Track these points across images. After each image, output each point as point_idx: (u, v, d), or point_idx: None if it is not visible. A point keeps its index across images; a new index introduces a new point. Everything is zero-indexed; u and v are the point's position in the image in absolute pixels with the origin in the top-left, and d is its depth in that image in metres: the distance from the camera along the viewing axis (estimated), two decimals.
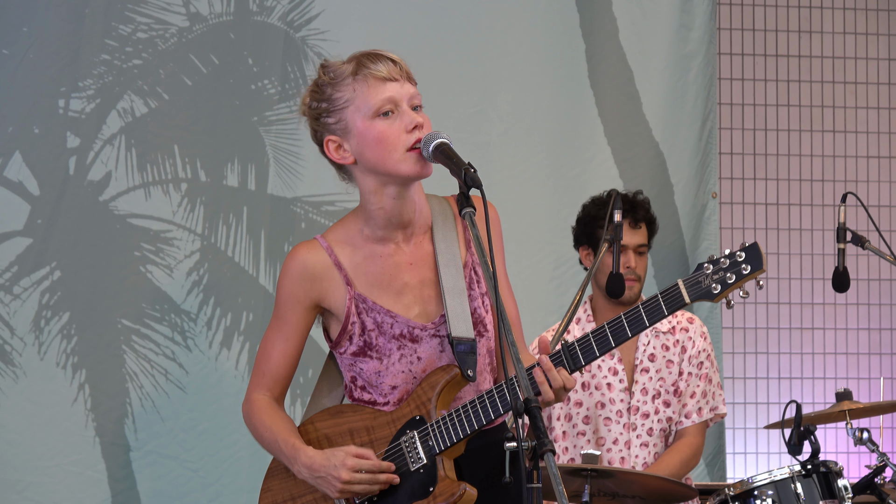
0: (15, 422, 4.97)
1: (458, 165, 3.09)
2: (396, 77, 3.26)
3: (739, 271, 3.16)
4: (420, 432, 3.26)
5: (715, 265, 3.18)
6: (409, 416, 3.29)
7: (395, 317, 3.30)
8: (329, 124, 3.31)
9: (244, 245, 5.23)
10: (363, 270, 3.32)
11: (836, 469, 4.49)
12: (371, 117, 3.25)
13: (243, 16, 5.30)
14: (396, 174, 3.26)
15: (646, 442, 4.90)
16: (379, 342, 3.30)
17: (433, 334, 3.31)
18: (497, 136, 5.60)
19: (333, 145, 3.31)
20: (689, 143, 5.87)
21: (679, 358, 4.96)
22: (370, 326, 3.30)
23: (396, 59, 3.28)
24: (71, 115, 5.10)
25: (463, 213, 3.06)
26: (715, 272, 3.18)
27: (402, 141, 3.23)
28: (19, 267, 5.03)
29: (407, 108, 3.25)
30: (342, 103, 3.27)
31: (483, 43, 5.57)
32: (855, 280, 5.38)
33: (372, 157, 3.26)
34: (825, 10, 6.55)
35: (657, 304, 3.20)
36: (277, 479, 3.40)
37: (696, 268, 3.20)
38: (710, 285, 3.18)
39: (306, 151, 5.28)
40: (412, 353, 3.30)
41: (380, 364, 3.30)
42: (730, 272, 3.17)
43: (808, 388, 6.38)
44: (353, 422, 3.34)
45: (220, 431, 5.12)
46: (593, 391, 4.90)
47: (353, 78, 3.26)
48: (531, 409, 2.78)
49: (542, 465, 2.80)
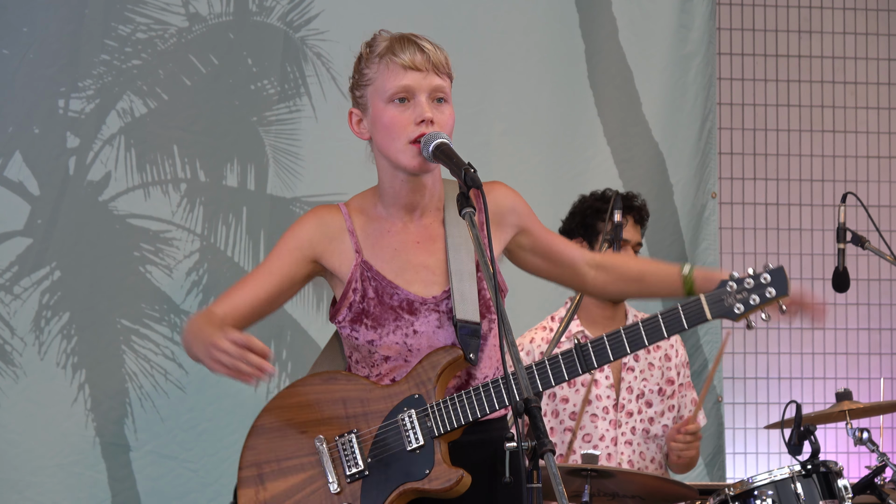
0: (15, 422, 4.97)
1: (458, 165, 3.10)
2: (420, 67, 3.26)
3: (763, 294, 3.20)
4: (419, 412, 3.23)
5: (739, 284, 3.21)
6: (408, 393, 3.26)
7: (397, 288, 3.30)
8: (356, 97, 3.36)
9: (244, 245, 5.23)
10: (373, 241, 3.33)
11: (836, 469, 4.49)
12: (385, 101, 3.28)
13: (243, 16, 5.30)
14: (398, 164, 3.28)
15: (630, 440, 4.91)
16: (376, 311, 3.29)
17: (433, 308, 3.29)
18: (497, 136, 5.60)
19: (355, 118, 3.37)
20: (688, 143, 5.87)
21: (661, 364, 4.99)
22: (371, 294, 3.29)
23: (427, 49, 3.29)
24: (71, 115, 5.10)
25: (463, 213, 3.06)
26: (738, 291, 3.21)
27: (407, 132, 3.25)
28: (19, 267, 5.03)
29: (423, 99, 3.26)
30: (366, 81, 3.32)
31: (483, 43, 5.58)
32: (855, 280, 5.38)
33: (379, 141, 3.30)
34: (825, 10, 6.55)
35: (677, 317, 3.21)
36: (263, 439, 3.32)
37: (720, 284, 3.22)
38: (733, 304, 3.22)
39: (306, 151, 5.29)
40: (408, 326, 3.28)
41: (374, 333, 3.28)
42: (754, 294, 3.21)
43: (808, 388, 6.38)
44: (348, 391, 3.29)
45: (219, 431, 5.12)
46: (580, 387, 4.90)
47: (379, 59, 3.29)
48: (531, 409, 2.77)
49: (541, 464, 2.80)
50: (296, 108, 5.32)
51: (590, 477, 4.34)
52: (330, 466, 3.24)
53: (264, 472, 3.28)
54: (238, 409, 5.15)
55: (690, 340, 5.73)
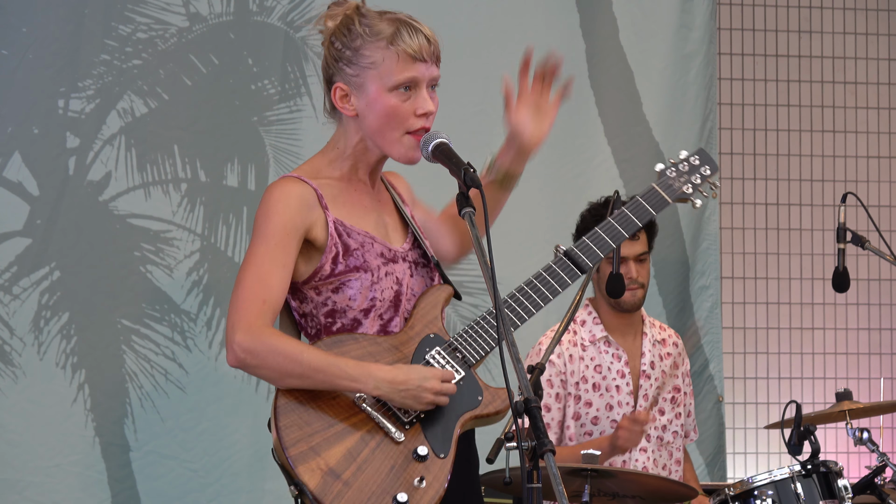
0: (15, 422, 4.97)
1: (458, 165, 3.11)
2: (426, 58, 3.29)
3: (701, 173, 3.64)
4: (445, 348, 3.26)
5: (677, 168, 3.61)
6: (423, 334, 3.28)
7: (374, 238, 3.31)
8: (345, 72, 3.33)
9: (244, 245, 5.23)
10: (339, 201, 3.32)
11: (836, 469, 4.49)
12: (389, 89, 3.28)
13: (243, 16, 5.30)
14: (387, 152, 3.32)
15: (644, 447, 4.92)
16: (367, 258, 3.28)
17: (404, 258, 3.35)
18: (497, 136, 5.59)
19: (341, 93, 3.34)
20: (689, 143, 5.87)
21: (671, 372, 5.01)
22: (354, 246, 3.28)
23: (432, 39, 3.31)
24: (70, 115, 5.10)
25: (463, 212, 3.06)
26: (680, 175, 3.61)
27: (408, 123, 3.28)
28: (19, 267, 5.03)
29: (424, 91, 3.30)
30: (367, 63, 3.30)
31: (483, 43, 5.58)
32: (855, 280, 5.38)
33: (373, 125, 3.30)
34: (825, 10, 6.55)
35: (641, 206, 3.51)
36: (294, 416, 3.15)
37: (659, 175, 3.58)
38: (681, 186, 3.62)
39: (306, 151, 5.28)
40: (392, 273, 3.31)
41: (368, 280, 3.27)
42: (694, 175, 3.62)
43: (808, 388, 6.38)
44: (361, 347, 3.23)
45: (220, 431, 5.12)
46: (603, 392, 4.91)
47: (386, 43, 3.27)
48: (531, 409, 2.77)
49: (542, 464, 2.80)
50: (296, 107, 5.32)
51: (590, 477, 4.34)
52: (383, 420, 3.17)
53: (315, 444, 3.12)
54: (238, 409, 5.15)
55: (691, 341, 5.73)
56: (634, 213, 3.50)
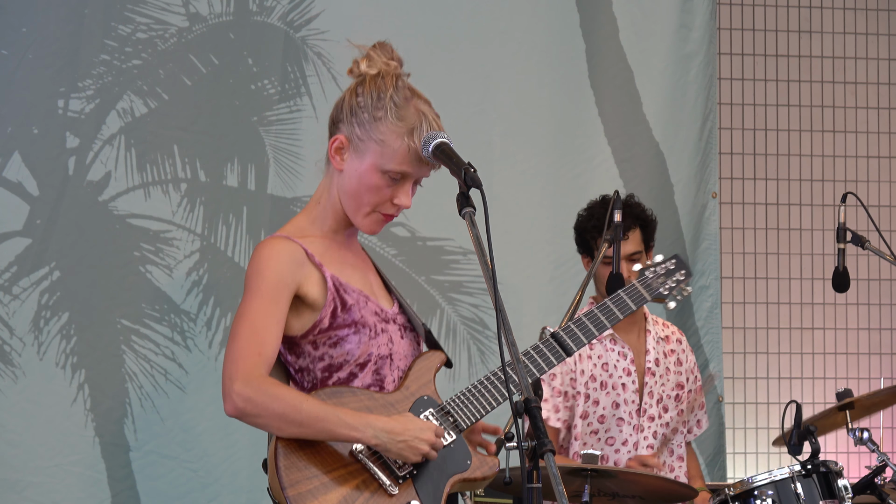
0: (15, 422, 4.96)
1: (458, 165, 3.11)
2: (427, 162, 3.32)
3: (677, 278, 3.93)
4: (437, 410, 3.35)
5: (654, 271, 3.90)
6: (417, 395, 3.36)
7: (368, 297, 3.37)
8: (354, 129, 3.36)
9: (244, 245, 5.23)
10: (329, 258, 3.37)
11: (836, 469, 4.49)
12: (381, 170, 3.32)
13: (243, 16, 5.29)
14: (352, 217, 3.39)
15: (651, 444, 4.92)
16: (364, 315, 3.34)
17: (394, 320, 3.42)
18: (497, 135, 5.60)
19: (339, 145, 3.38)
20: (689, 143, 5.87)
21: (676, 368, 5.02)
22: (351, 302, 3.33)
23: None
24: (70, 115, 5.10)
25: (463, 212, 3.06)
26: (657, 277, 3.90)
27: (383, 205, 3.35)
28: (18, 267, 5.02)
29: (409, 185, 3.35)
30: (378, 138, 3.33)
31: (483, 43, 5.57)
32: (855, 280, 5.38)
33: (350, 189, 3.36)
34: (825, 10, 6.55)
35: (624, 300, 3.77)
36: (294, 458, 3.22)
37: (639, 274, 3.88)
38: (658, 287, 3.89)
39: (306, 151, 5.28)
40: (387, 332, 3.38)
41: (366, 335, 3.33)
42: (670, 278, 3.91)
43: (808, 388, 6.38)
44: (359, 401, 3.30)
45: (219, 431, 5.12)
46: (610, 390, 4.91)
47: (405, 133, 3.30)
48: (531, 408, 2.77)
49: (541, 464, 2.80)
50: (296, 107, 5.32)
51: (590, 477, 4.34)
52: (378, 472, 3.27)
53: (312, 487, 3.21)
54: None
55: (691, 341, 5.73)
56: (617, 306, 3.71)
